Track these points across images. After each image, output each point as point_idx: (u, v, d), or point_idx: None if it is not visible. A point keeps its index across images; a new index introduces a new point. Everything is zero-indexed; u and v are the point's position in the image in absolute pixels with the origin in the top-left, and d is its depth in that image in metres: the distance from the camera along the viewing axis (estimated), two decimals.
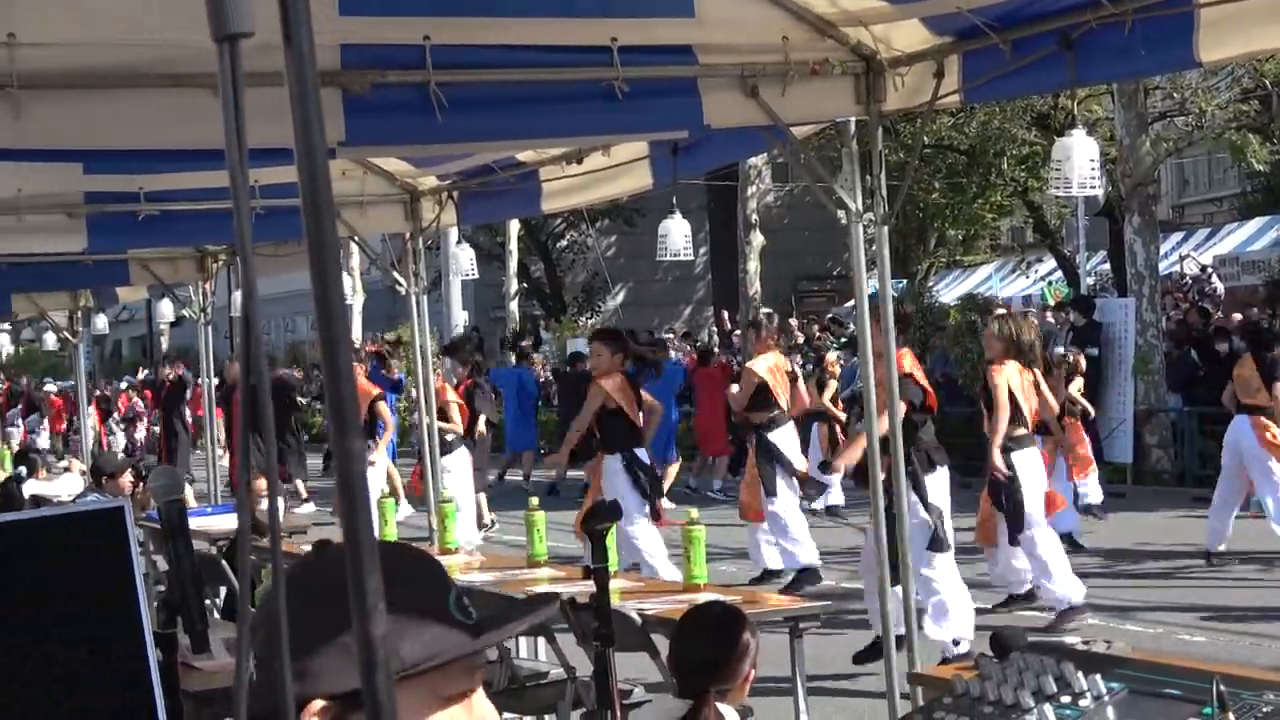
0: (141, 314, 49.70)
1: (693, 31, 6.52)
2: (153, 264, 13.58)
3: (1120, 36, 5.84)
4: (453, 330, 31.92)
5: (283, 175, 7.64)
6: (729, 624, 4.79)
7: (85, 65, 5.93)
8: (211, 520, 12.34)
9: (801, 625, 7.33)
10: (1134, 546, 16.54)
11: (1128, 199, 23.37)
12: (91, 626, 3.09)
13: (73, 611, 3.08)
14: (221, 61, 1.16)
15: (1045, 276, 35.98)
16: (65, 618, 3.06)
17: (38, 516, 3.38)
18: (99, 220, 10.03)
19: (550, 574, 8.92)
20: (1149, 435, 22.87)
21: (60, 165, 7.97)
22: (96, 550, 3.15)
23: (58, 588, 3.08)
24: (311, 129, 1.16)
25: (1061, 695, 3.42)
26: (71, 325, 18.76)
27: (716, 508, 19.80)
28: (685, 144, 8.15)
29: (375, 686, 1.22)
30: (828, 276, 46.42)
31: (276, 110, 2.03)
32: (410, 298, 11.07)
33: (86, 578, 3.13)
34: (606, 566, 4.93)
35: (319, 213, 1.17)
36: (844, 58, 6.86)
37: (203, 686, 6.25)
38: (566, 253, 45.77)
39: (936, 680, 5.74)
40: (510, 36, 6.41)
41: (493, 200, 10.33)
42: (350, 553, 1.22)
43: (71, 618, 3.07)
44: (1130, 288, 23.56)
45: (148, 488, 12.09)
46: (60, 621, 3.05)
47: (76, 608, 3.08)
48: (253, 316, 1.18)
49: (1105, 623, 12.13)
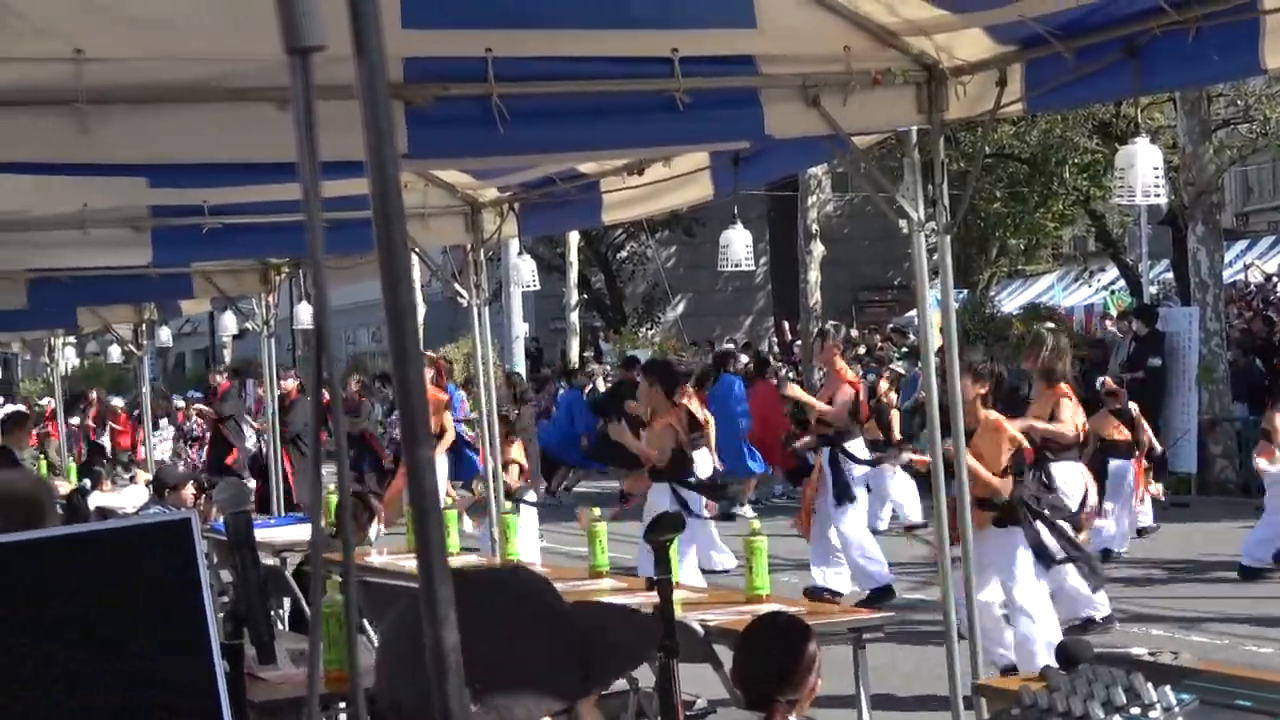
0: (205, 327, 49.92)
1: (754, 42, 6.52)
2: (216, 277, 13.66)
3: (1184, 44, 5.81)
4: (513, 341, 31.97)
5: (345, 188, 7.67)
6: (794, 634, 4.78)
7: (150, 80, 5.97)
8: (275, 532, 12.39)
9: (865, 637, 7.31)
10: (1199, 557, 16.41)
11: (1191, 207, 23.19)
12: (159, 638, 3.11)
13: (140, 623, 3.09)
14: (294, 74, 1.16)
15: (1108, 286, 35.74)
16: (133, 629, 3.08)
17: (105, 529, 3.40)
18: (164, 233, 10.10)
19: (612, 585, 8.92)
20: (1213, 445, 22.68)
21: (125, 179, 8.02)
22: (164, 562, 3.17)
23: (125, 599, 3.10)
24: (383, 139, 1.16)
25: (1131, 706, 3.39)
26: (136, 338, 18.87)
27: (777, 518, 19.73)
28: (746, 154, 8.14)
29: (447, 694, 1.22)
30: (888, 286, 46.24)
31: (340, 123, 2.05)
32: (472, 309, 11.09)
33: (153, 589, 3.14)
34: (670, 578, 4.93)
35: (390, 224, 1.17)
36: (906, 67, 6.83)
37: (268, 697, 6.29)
38: (627, 264, 45.76)
39: (1002, 691, 5.72)
40: (572, 48, 6.42)
41: (553, 212, 10.35)
42: (421, 562, 1.22)
43: (139, 629, 3.08)
44: (1194, 296, 23.39)
45: (214, 499, 12.17)
46: (128, 633, 3.07)
47: (144, 619, 3.10)
48: (325, 325, 1.19)
49: (1171, 634, 12.04)
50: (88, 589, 3.05)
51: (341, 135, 2.10)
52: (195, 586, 3.16)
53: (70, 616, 3.01)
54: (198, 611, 3.15)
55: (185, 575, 3.16)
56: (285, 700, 6.38)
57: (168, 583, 3.14)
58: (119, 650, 3.04)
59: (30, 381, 49.75)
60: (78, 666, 2.98)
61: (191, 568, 3.17)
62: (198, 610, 3.15)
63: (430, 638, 1.22)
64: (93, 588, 3.06)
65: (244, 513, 4.85)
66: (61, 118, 5.79)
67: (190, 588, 3.16)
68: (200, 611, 3.15)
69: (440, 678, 1.22)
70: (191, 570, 3.17)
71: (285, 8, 1.14)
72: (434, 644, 1.21)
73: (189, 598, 3.15)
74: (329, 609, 6.23)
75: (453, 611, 1.22)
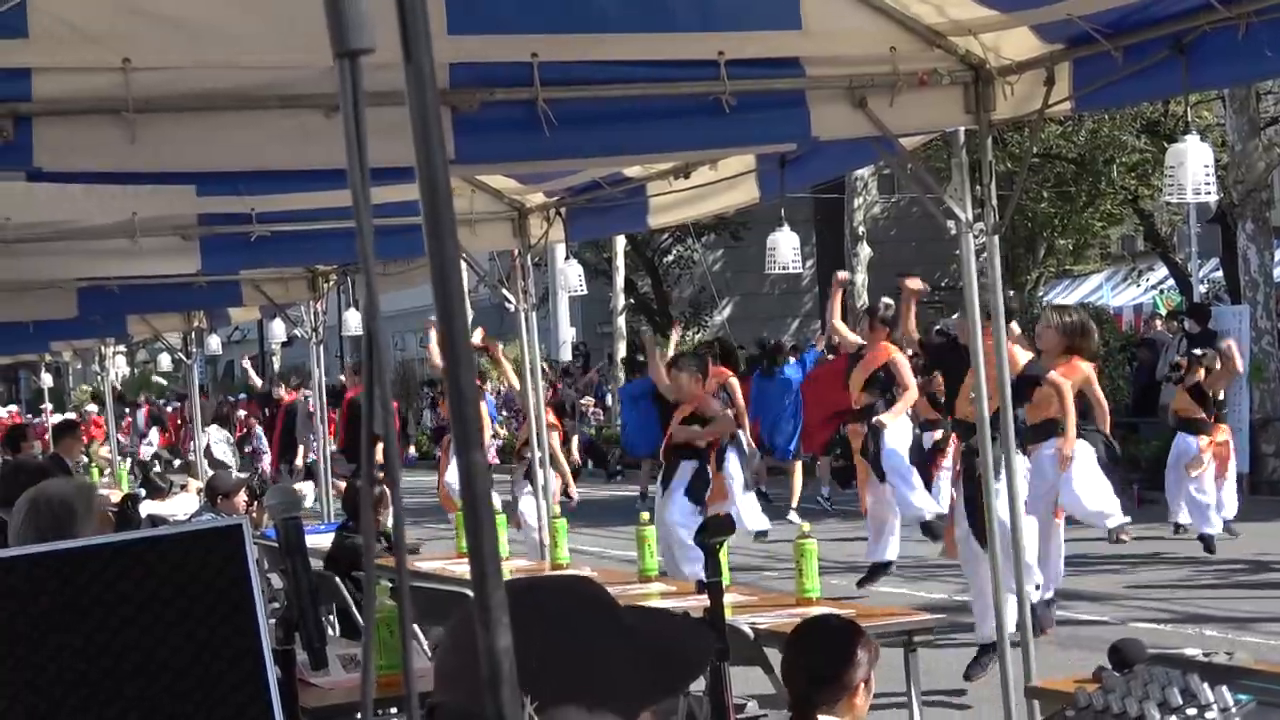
0: (253, 334, 50.13)
1: (800, 43, 6.50)
2: (264, 284, 13.72)
3: (1234, 40, 5.77)
4: (560, 346, 32.02)
5: (391, 194, 7.71)
6: (840, 637, 4.76)
7: (198, 89, 6.00)
8: (326, 538, 12.42)
9: (915, 638, 7.28)
10: (1252, 557, 16.29)
11: (1240, 205, 23.06)
12: (211, 643, 3.12)
13: (192, 629, 3.10)
14: (342, 78, 1.16)
15: (1157, 285, 35.58)
16: (185, 635, 3.08)
17: (157, 535, 3.41)
18: (212, 241, 10.15)
19: (661, 589, 8.92)
20: (1265, 444, 22.53)
21: (174, 187, 8.08)
22: (215, 568, 3.17)
23: (177, 605, 3.11)
24: (432, 143, 1.16)
25: (1188, 708, 3.36)
26: (185, 346, 18.97)
27: (826, 520, 19.69)
28: (793, 157, 8.13)
29: (501, 701, 1.22)
30: (936, 288, 46.07)
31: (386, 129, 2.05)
32: (519, 314, 11.11)
33: (206, 595, 3.15)
34: (720, 580, 4.92)
35: (440, 224, 1.17)
36: (953, 67, 6.81)
37: (320, 703, 6.30)
38: (673, 267, 45.72)
39: (1056, 693, 5.68)
40: (617, 52, 6.42)
41: (600, 216, 10.36)
42: (474, 566, 1.22)
43: (191, 635, 3.09)
44: (1244, 295, 23.25)
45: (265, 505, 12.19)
46: (180, 638, 3.08)
47: (196, 625, 3.11)
48: (376, 329, 1.19)
49: (1225, 634, 11.96)
50: (140, 595, 3.06)
51: (387, 141, 2.10)
52: (247, 592, 3.17)
53: (124, 622, 3.02)
54: (250, 617, 3.15)
55: (237, 581, 3.17)
56: (337, 706, 6.39)
57: (220, 588, 3.15)
58: (172, 656, 3.05)
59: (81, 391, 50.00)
60: (131, 672, 2.99)
61: (243, 573, 3.18)
62: (250, 615, 3.15)
63: (484, 642, 1.21)
64: (145, 593, 3.07)
65: (295, 518, 4.85)
66: (110, 127, 5.83)
67: (242, 593, 3.16)
68: (252, 617, 3.16)
69: (494, 684, 1.21)
70: (244, 576, 3.18)
71: (333, 11, 1.14)
72: (488, 649, 1.20)
73: (241, 603, 3.15)
74: (380, 614, 6.24)
75: (506, 616, 1.21)
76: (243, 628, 3.14)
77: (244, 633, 3.13)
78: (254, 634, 3.15)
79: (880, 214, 44.23)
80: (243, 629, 3.14)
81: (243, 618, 3.14)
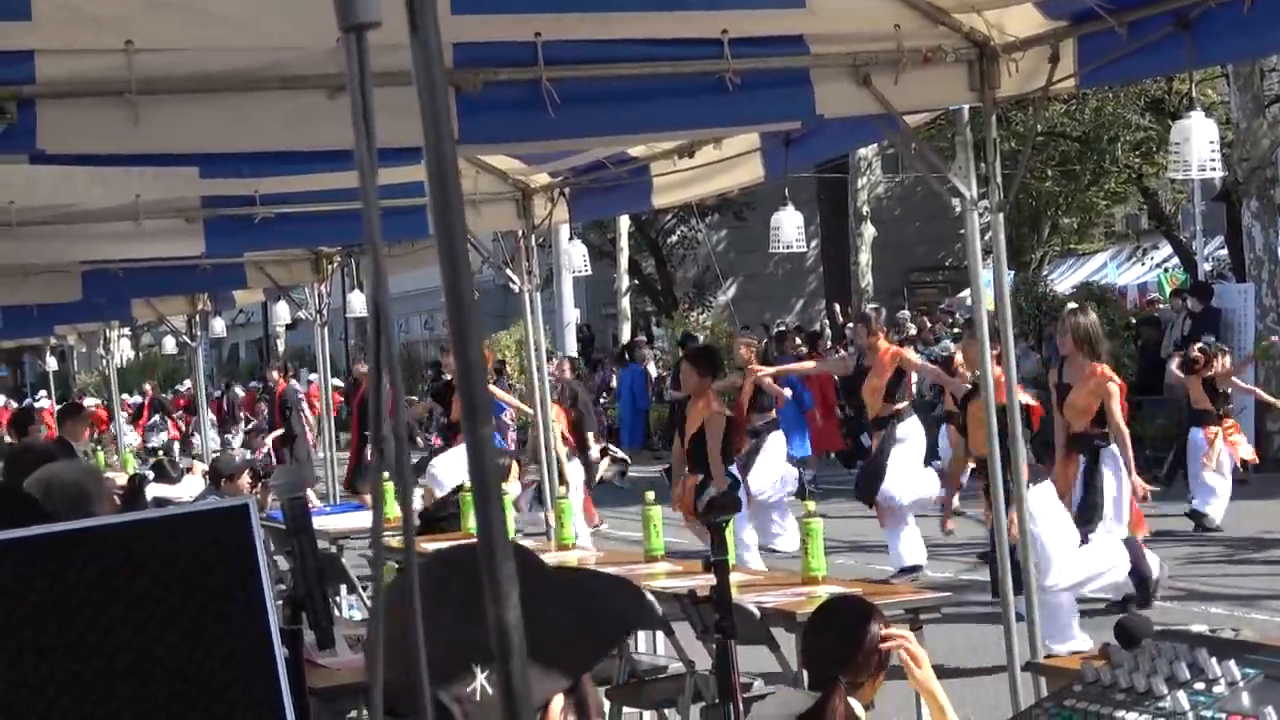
0: (258, 317, 50.16)
1: (804, 21, 6.49)
2: (268, 267, 13.71)
3: (1239, 15, 5.75)
4: (564, 327, 32.01)
5: (397, 175, 7.70)
6: (855, 617, 4.76)
7: (201, 70, 5.99)
8: (331, 519, 12.46)
9: (922, 617, 7.29)
10: (1257, 534, 16.31)
11: (1245, 183, 23.04)
12: (218, 624, 3.12)
13: (199, 610, 3.10)
14: (349, 52, 1.15)
15: (1161, 263, 35.51)
16: (192, 616, 3.09)
17: (164, 516, 3.41)
18: (216, 224, 10.15)
19: (668, 568, 8.91)
20: (1270, 422, 22.53)
21: (177, 170, 8.07)
22: (222, 548, 3.18)
23: (184, 586, 3.11)
24: (439, 113, 1.15)
25: (1195, 682, 3.37)
26: (190, 329, 18.96)
27: (834, 500, 19.69)
28: (797, 135, 8.12)
29: (511, 672, 1.22)
30: (940, 267, 46.04)
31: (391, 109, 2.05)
32: (524, 295, 11.11)
33: (212, 576, 3.15)
34: (726, 559, 4.93)
35: (448, 201, 1.16)
36: (957, 44, 6.80)
37: (328, 683, 6.31)
38: (677, 248, 45.70)
39: (1061, 670, 5.69)
40: (620, 31, 6.42)
41: (604, 196, 10.35)
42: (482, 541, 1.22)
43: (198, 616, 3.10)
44: (1249, 273, 23.24)
45: (270, 486, 12.21)
46: (187, 620, 3.08)
47: (202, 606, 3.11)
48: (385, 308, 1.19)
49: (1230, 611, 11.97)
50: (146, 575, 3.06)
51: (393, 121, 2.10)
52: (254, 571, 3.17)
53: (130, 603, 3.02)
54: (257, 597, 3.16)
55: (244, 561, 3.17)
56: (344, 686, 6.41)
57: (226, 569, 3.15)
58: (179, 636, 3.05)
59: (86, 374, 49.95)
60: (137, 652, 3.00)
61: (250, 554, 3.18)
62: (257, 596, 3.16)
63: (493, 617, 1.21)
64: (151, 574, 3.07)
65: (300, 498, 4.85)
66: (113, 109, 5.82)
67: (249, 573, 3.16)
68: (260, 597, 3.16)
69: (504, 657, 1.22)
70: (250, 556, 3.18)
71: None
72: (498, 623, 1.21)
73: (248, 584, 3.16)
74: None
75: (515, 590, 1.21)
76: (250, 607, 3.14)
77: (251, 612, 3.14)
78: (262, 614, 3.15)
79: (884, 194, 44.22)
80: (250, 608, 3.14)
81: (250, 597, 3.14)
